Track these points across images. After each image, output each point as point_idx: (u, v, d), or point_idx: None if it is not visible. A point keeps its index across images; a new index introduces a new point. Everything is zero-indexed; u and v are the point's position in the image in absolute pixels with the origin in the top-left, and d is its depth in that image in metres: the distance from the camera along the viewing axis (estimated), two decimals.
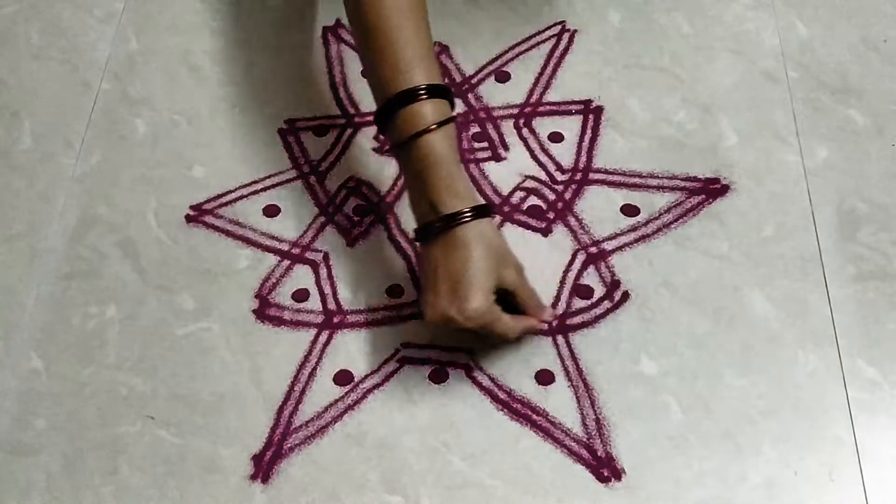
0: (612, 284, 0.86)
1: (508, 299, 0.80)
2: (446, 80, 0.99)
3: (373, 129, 0.97)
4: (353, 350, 0.84)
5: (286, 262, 0.89)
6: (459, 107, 0.98)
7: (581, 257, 0.88)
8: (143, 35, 1.06)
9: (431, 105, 0.79)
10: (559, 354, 0.83)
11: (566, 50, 1.01)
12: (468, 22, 1.04)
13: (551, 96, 0.98)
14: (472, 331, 0.78)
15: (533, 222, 0.90)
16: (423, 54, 0.80)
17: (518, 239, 0.89)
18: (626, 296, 0.85)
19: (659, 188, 0.91)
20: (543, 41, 1.02)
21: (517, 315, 0.81)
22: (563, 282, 0.86)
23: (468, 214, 0.77)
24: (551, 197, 0.91)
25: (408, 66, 0.79)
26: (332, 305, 0.86)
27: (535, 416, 0.80)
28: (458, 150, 0.81)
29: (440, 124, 0.78)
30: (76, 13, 1.08)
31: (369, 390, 0.82)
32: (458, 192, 0.78)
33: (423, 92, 0.78)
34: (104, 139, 0.98)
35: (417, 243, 0.82)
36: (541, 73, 1.00)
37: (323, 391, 0.82)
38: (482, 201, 0.79)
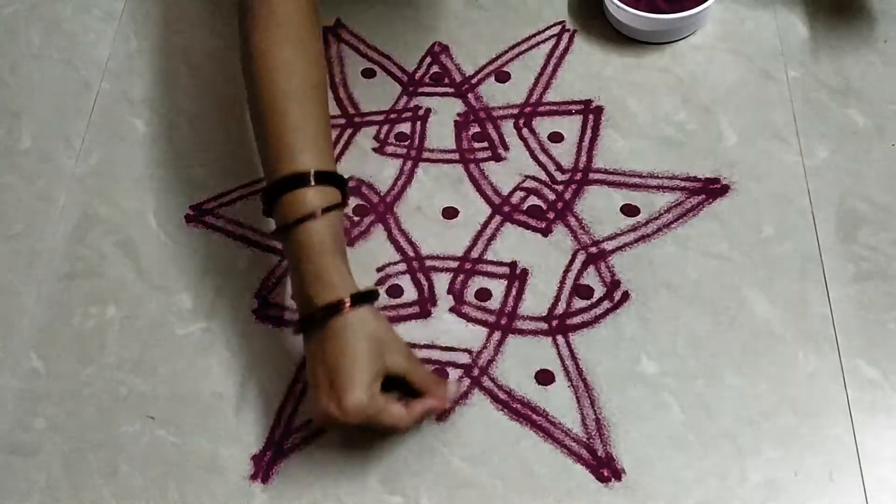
0: (612, 284, 0.86)
1: (407, 385, 0.75)
2: (447, 81, 1.00)
3: (373, 129, 0.97)
4: None
5: (286, 263, 0.89)
6: (459, 106, 0.98)
7: (581, 257, 0.88)
8: (143, 35, 1.06)
9: (315, 191, 0.75)
10: (559, 354, 0.83)
11: (566, 50, 1.01)
12: (468, 22, 1.04)
13: (551, 96, 0.98)
14: (363, 426, 0.73)
15: (533, 222, 0.90)
16: (314, 139, 0.77)
17: (518, 239, 0.89)
18: (626, 296, 0.85)
19: (659, 188, 0.91)
20: (543, 41, 1.02)
21: (411, 400, 0.75)
22: (563, 282, 0.86)
23: (341, 306, 0.72)
24: (551, 197, 0.91)
25: (294, 150, 0.76)
26: None
27: (535, 416, 0.80)
28: (339, 239, 0.76)
29: (324, 211, 0.75)
30: (76, 13, 1.09)
31: None
32: (332, 283, 0.73)
33: (307, 177, 0.75)
34: (104, 139, 0.98)
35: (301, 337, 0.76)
36: (541, 73, 1.00)
37: None
38: (358, 289, 0.74)
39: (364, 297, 0.74)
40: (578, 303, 0.85)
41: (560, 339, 0.84)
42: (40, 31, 1.07)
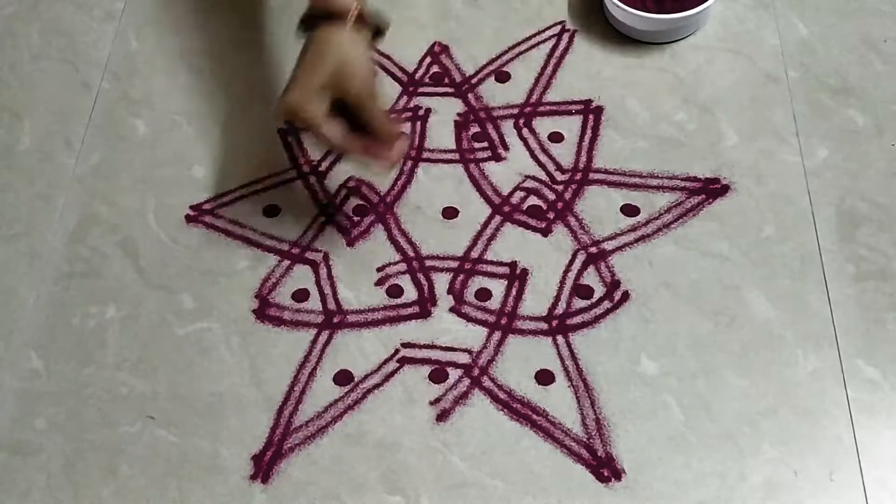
0: (612, 284, 0.86)
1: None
2: (447, 81, 1.00)
3: None
4: (353, 350, 0.84)
5: (286, 262, 0.89)
6: (459, 106, 0.98)
7: (581, 257, 0.88)
8: (143, 35, 1.06)
9: None
10: (559, 354, 0.83)
11: (566, 50, 1.01)
12: (468, 22, 1.04)
13: (551, 96, 0.98)
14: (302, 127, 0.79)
15: (533, 222, 0.90)
16: None
17: (518, 239, 0.89)
18: (626, 296, 0.85)
19: (659, 188, 0.91)
20: (543, 41, 1.02)
21: (355, 134, 0.80)
22: (563, 282, 0.86)
23: (336, 17, 0.78)
24: (551, 197, 0.91)
25: None
26: (332, 305, 0.86)
27: (535, 416, 0.80)
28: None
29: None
30: (76, 13, 1.09)
31: (369, 390, 0.82)
32: (343, 1, 0.78)
33: None
34: (104, 139, 0.98)
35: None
36: (541, 73, 1.00)
37: (323, 391, 0.82)
38: (349, 8, 0.79)
39: (363, 21, 0.79)
40: (578, 303, 0.85)
41: (560, 339, 0.84)
42: (40, 31, 1.07)
